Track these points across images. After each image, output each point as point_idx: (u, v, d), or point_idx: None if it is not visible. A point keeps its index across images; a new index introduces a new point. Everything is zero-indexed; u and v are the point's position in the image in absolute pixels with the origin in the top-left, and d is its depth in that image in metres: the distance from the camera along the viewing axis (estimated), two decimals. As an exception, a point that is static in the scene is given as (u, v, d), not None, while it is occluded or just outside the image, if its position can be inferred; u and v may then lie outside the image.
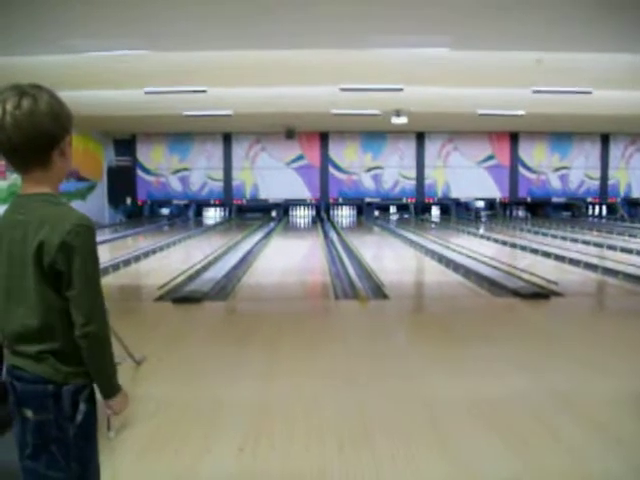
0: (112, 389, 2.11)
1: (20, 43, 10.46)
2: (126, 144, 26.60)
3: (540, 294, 8.80)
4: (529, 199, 27.59)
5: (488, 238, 17.81)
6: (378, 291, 9.35)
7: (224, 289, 9.74)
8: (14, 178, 18.34)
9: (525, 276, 10.40)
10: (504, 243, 16.38)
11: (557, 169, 27.32)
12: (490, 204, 28.26)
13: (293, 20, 9.32)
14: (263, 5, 8.62)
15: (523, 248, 14.93)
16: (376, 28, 9.78)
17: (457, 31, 10.02)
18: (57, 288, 2.00)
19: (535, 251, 14.19)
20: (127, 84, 14.60)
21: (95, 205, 23.83)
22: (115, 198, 26.39)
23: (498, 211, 28.08)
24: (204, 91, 15.00)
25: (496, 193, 27.29)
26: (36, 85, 2.05)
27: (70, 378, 2.03)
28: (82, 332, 1.98)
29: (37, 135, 2.01)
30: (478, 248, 14.39)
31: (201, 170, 26.64)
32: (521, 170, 27.21)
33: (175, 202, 26.97)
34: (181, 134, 25.86)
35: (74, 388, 2.04)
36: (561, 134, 26.70)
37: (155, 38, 10.38)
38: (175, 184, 26.70)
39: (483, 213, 28.71)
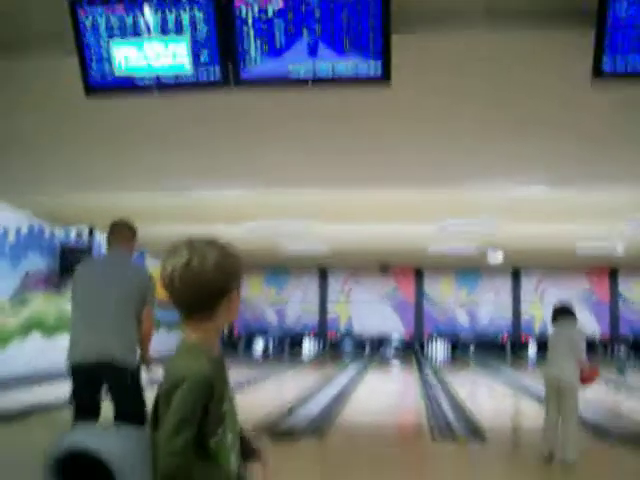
0: None
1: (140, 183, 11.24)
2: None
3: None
4: (631, 337, 26.34)
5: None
6: (476, 433, 9.09)
7: (319, 427, 9.60)
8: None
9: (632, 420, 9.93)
10: (605, 383, 15.65)
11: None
12: (589, 341, 27.05)
13: (394, 164, 9.67)
14: (365, 150, 9.00)
15: (629, 389, 14.25)
16: (474, 172, 10.02)
17: (553, 171, 10.12)
18: None
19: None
20: (231, 220, 15.16)
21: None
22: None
23: (598, 349, 26.86)
24: (303, 227, 15.47)
25: (595, 330, 26.22)
26: (209, 241, 2.16)
27: None
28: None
29: (203, 292, 2.11)
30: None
31: (297, 303, 27.14)
32: (622, 306, 26.24)
33: (271, 334, 27.30)
34: (278, 267, 26.45)
35: None
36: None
37: (262, 180, 10.90)
38: (271, 316, 27.17)
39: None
